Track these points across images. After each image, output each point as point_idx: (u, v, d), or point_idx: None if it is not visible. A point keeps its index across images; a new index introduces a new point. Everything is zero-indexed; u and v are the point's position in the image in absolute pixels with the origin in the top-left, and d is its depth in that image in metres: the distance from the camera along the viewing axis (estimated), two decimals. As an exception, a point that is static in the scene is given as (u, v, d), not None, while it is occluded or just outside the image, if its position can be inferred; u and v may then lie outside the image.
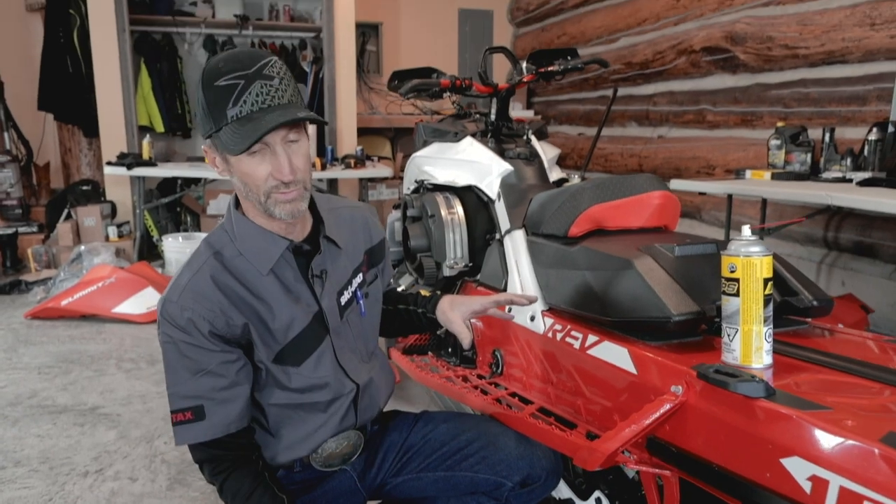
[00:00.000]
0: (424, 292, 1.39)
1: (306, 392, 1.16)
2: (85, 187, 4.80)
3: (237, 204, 1.15)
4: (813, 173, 2.91)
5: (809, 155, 2.99)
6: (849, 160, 2.80)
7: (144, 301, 3.41)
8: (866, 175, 2.61)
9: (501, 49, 2.27)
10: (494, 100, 2.11)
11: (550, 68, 2.11)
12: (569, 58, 2.17)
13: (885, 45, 2.76)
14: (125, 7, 4.61)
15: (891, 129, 2.65)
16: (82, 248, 4.04)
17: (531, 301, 1.28)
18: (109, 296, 3.40)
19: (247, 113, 0.99)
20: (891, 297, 2.87)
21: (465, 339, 1.22)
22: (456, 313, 1.25)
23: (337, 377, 1.19)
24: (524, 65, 2.16)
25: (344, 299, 1.21)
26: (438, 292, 1.32)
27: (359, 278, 1.25)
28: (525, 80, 2.12)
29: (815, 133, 3.03)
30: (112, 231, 4.45)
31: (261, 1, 5.57)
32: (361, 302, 1.25)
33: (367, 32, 5.76)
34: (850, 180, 2.62)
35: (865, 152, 2.73)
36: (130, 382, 2.66)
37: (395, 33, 5.85)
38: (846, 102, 3.00)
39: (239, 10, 5.37)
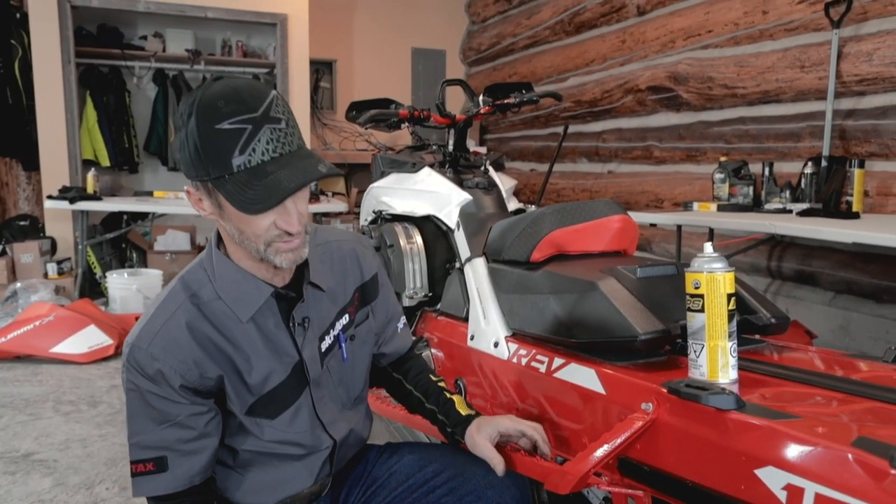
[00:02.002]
0: (457, 399, 1.23)
1: (280, 444, 1.09)
2: (22, 222, 4.59)
3: (218, 242, 1.05)
4: (755, 205, 3.05)
5: (751, 188, 3.13)
6: (787, 192, 2.95)
7: (86, 340, 3.24)
8: (804, 206, 2.74)
9: (459, 82, 2.32)
10: (452, 131, 2.14)
11: (507, 101, 2.16)
12: (524, 91, 2.23)
13: (814, 86, 2.95)
14: (71, 39, 4.50)
15: (824, 163, 2.81)
16: (18, 285, 3.83)
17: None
18: (47, 335, 3.22)
19: (257, 163, 0.90)
20: (832, 322, 3.00)
21: (499, 466, 1.08)
22: (483, 435, 1.11)
23: (314, 432, 1.12)
24: (481, 97, 2.20)
25: (325, 345, 1.13)
26: (473, 412, 1.19)
27: (344, 319, 1.17)
28: (482, 111, 2.16)
29: (755, 167, 3.19)
30: (52, 268, 4.24)
31: (213, 36, 5.54)
32: (343, 346, 1.16)
33: (321, 69, 5.80)
34: (790, 211, 2.75)
35: (802, 185, 2.88)
36: (69, 426, 2.50)
37: (349, 71, 5.90)
38: (782, 139, 3.17)
39: (191, 44, 5.33)
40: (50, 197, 4.20)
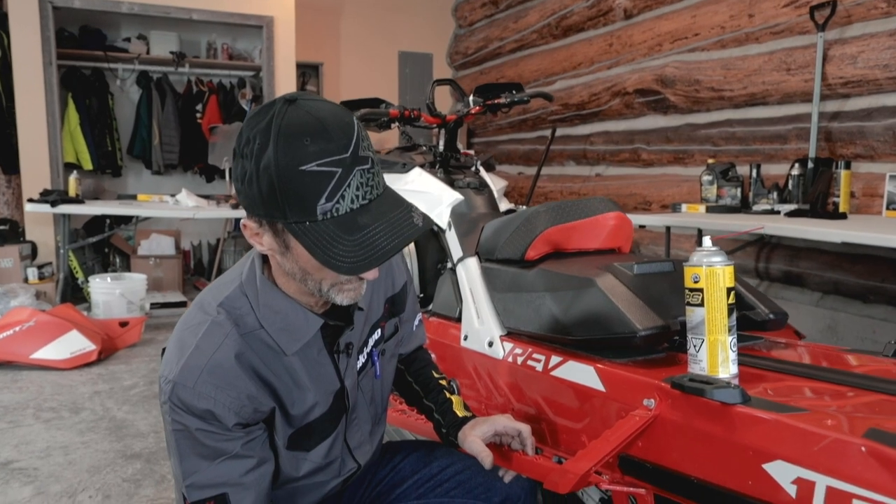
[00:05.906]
0: (455, 400, 1.22)
1: (310, 476, 1.05)
2: (1, 227, 4.49)
3: (262, 265, 0.96)
4: (743, 206, 3.06)
5: (739, 189, 3.15)
6: (775, 194, 2.97)
7: (68, 346, 3.17)
8: (792, 207, 2.76)
9: (449, 81, 2.30)
10: (443, 131, 2.12)
11: (497, 101, 2.14)
12: (514, 92, 2.21)
13: (800, 89, 2.97)
14: (52, 41, 4.44)
15: (810, 165, 2.83)
16: (-3, 290, 3.75)
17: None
18: (28, 341, 3.14)
19: (345, 211, 0.81)
20: (820, 322, 3.01)
21: (487, 459, 1.05)
22: (476, 432, 1.09)
23: (342, 459, 1.08)
24: (471, 98, 2.18)
25: (359, 364, 1.06)
26: (469, 414, 1.17)
27: (376, 335, 1.10)
28: (473, 111, 2.14)
29: (742, 169, 3.20)
30: (32, 273, 4.16)
31: (198, 38, 5.49)
32: (377, 364, 1.10)
33: (308, 72, 5.77)
34: (778, 212, 2.77)
35: (790, 186, 2.90)
36: (50, 433, 2.44)
37: (335, 74, 5.87)
38: (769, 141, 3.19)
39: (175, 47, 5.28)
40: (31, 200, 4.13)
